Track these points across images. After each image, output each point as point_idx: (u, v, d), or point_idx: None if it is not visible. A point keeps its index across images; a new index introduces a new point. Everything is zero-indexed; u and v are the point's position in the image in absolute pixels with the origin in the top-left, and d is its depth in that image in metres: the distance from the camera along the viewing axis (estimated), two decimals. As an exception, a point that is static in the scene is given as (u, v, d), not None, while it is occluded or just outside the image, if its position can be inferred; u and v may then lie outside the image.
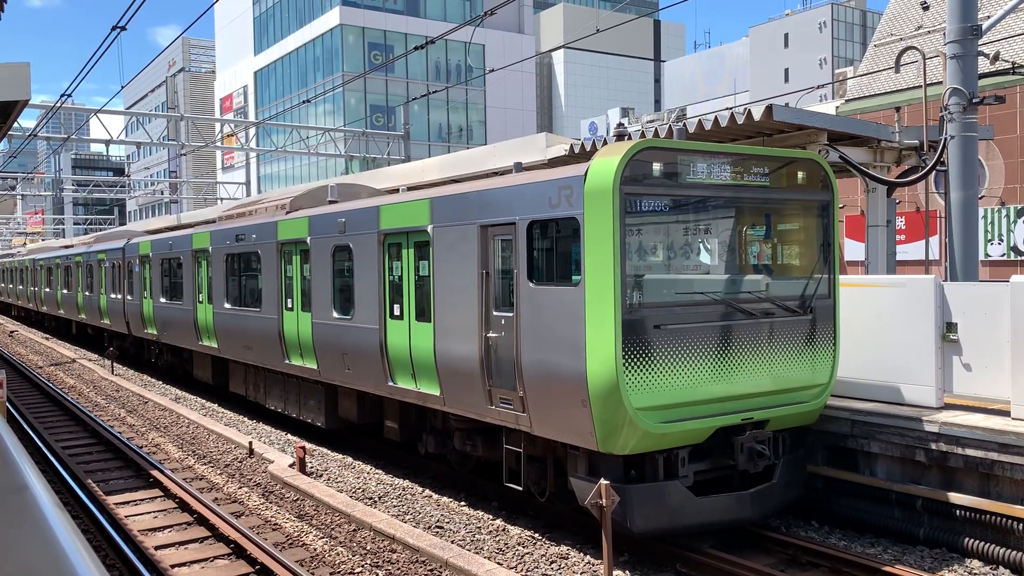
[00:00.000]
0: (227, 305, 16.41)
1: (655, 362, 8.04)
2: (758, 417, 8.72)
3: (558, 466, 9.16)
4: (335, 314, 12.49)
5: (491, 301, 9.29)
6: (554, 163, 9.66)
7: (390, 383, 11.25)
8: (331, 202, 14.10)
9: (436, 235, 10.13)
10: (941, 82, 12.51)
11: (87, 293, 28.05)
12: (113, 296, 24.73)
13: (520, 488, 9.43)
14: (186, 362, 20.46)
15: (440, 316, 10.05)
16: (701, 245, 9.49)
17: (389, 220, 11.15)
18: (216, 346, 17.18)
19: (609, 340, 7.77)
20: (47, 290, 35.47)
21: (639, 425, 7.86)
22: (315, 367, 13.18)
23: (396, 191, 13.16)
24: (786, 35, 77.58)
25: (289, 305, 14.00)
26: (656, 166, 8.19)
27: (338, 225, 12.32)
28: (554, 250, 8.77)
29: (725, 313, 8.61)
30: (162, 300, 20.24)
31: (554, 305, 8.38)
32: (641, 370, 7.94)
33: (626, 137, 9.18)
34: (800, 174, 9.33)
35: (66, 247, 37.69)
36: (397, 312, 11.05)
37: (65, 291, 31.68)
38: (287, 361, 14.12)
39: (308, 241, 13.21)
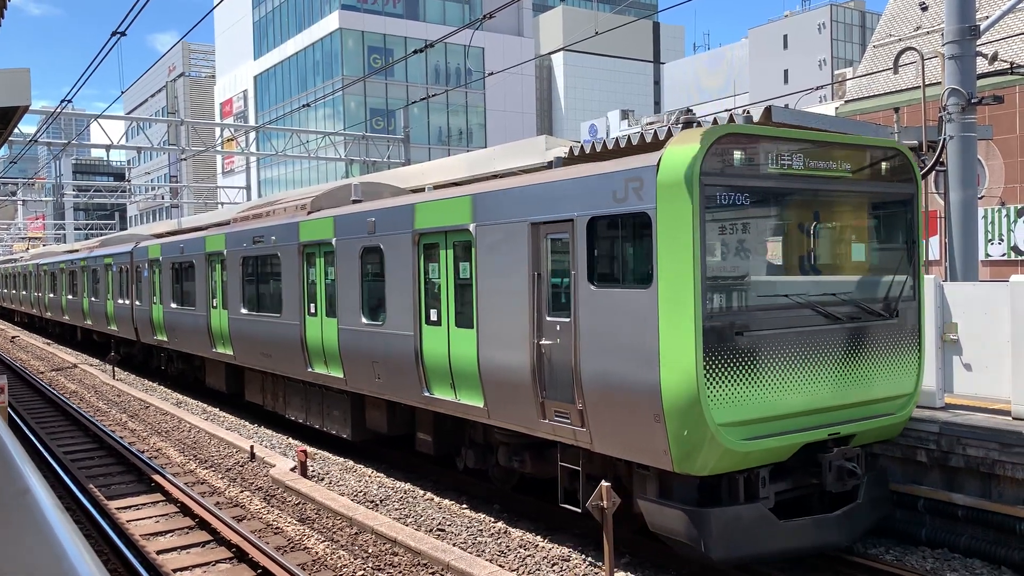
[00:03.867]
0: (244, 310, 15.79)
1: (739, 373, 7.25)
2: (844, 432, 7.94)
3: (617, 484, 8.25)
4: (364, 320, 11.81)
5: (544, 305, 8.55)
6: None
7: (426, 393, 10.53)
8: (355, 201, 13.46)
9: (479, 234, 9.41)
10: (940, 82, 12.52)
11: (93, 299, 27.77)
12: (120, 302, 24.33)
13: (579, 510, 8.59)
14: (197, 369, 19.98)
15: (485, 322, 9.34)
16: (784, 243, 8.47)
17: (425, 219, 10.44)
18: (231, 353, 16.56)
19: (688, 348, 7.01)
20: (51, 296, 35.20)
21: (721, 443, 7.07)
22: (341, 376, 12.50)
23: (422, 190, 12.59)
24: (785, 36, 77.77)
25: (312, 310, 13.34)
26: (737, 154, 7.39)
27: (367, 225, 11.65)
28: (620, 249, 8.02)
29: (812, 318, 7.81)
30: (173, 305, 19.70)
31: (620, 310, 7.62)
32: (724, 382, 7.16)
33: (694, 124, 7.92)
34: (886, 164, 8.54)
35: (71, 251, 37.54)
36: (434, 318, 10.36)
37: (70, 296, 31.35)
38: (310, 369, 13.42)
39: (333, 243, 12.54)
